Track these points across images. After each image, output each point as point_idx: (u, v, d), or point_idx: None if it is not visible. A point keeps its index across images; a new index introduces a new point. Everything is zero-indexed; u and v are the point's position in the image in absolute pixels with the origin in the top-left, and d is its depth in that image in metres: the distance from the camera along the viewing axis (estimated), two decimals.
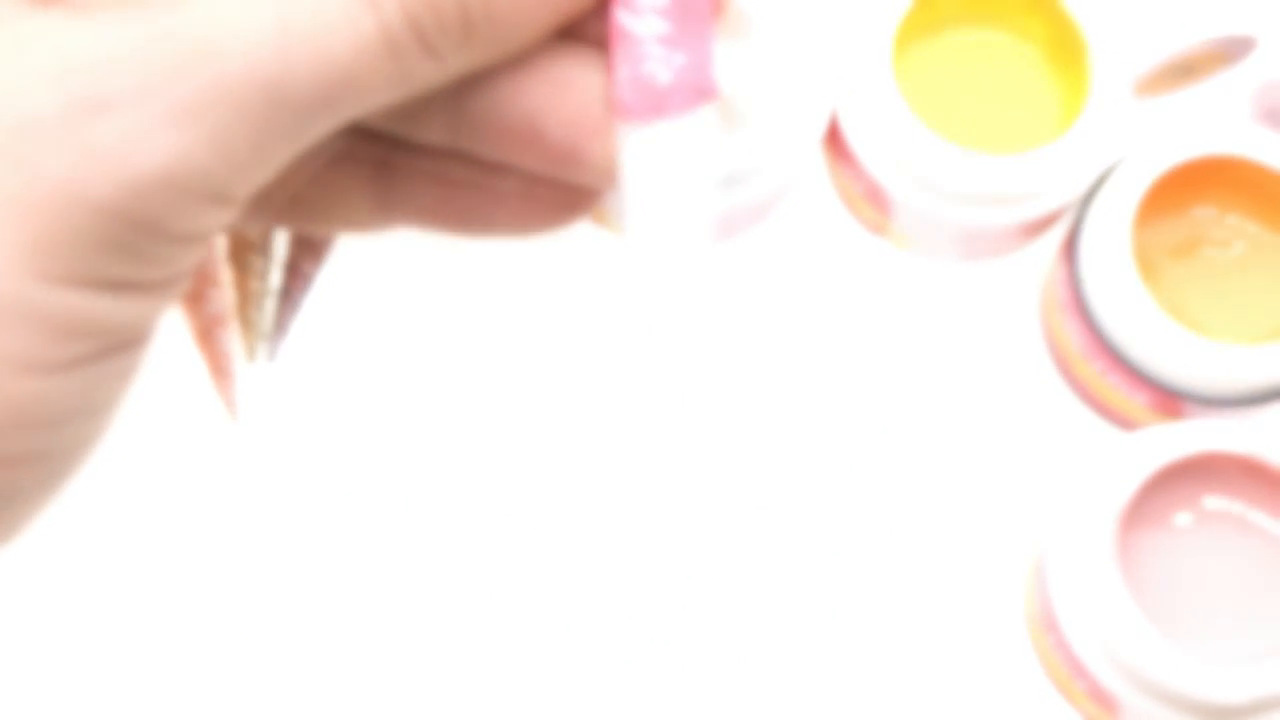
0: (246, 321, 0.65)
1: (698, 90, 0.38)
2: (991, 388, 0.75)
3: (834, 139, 0.72)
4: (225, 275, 0.64)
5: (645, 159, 0.38)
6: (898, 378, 0.75)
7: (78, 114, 0.34)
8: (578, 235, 0.70)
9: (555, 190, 0.41)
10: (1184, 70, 0.71)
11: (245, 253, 0.64)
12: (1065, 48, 0.71)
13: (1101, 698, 0.66)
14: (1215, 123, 0.71)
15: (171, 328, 0.66)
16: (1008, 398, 0.75)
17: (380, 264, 0.73)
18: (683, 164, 0.38)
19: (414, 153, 0.41)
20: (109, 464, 0.59)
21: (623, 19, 0.38)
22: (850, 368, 0.75)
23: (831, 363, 0.75)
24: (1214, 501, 0.67)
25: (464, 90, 0.38)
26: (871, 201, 0.72)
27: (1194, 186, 0.71)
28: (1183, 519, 0.67)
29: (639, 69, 0.38)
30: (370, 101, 0.37)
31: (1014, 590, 0.71)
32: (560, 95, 0.38)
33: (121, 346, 0.37)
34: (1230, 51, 0.70)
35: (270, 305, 0.65)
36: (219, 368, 0.65)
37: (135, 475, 0.70)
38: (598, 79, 0.38)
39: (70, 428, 0.36)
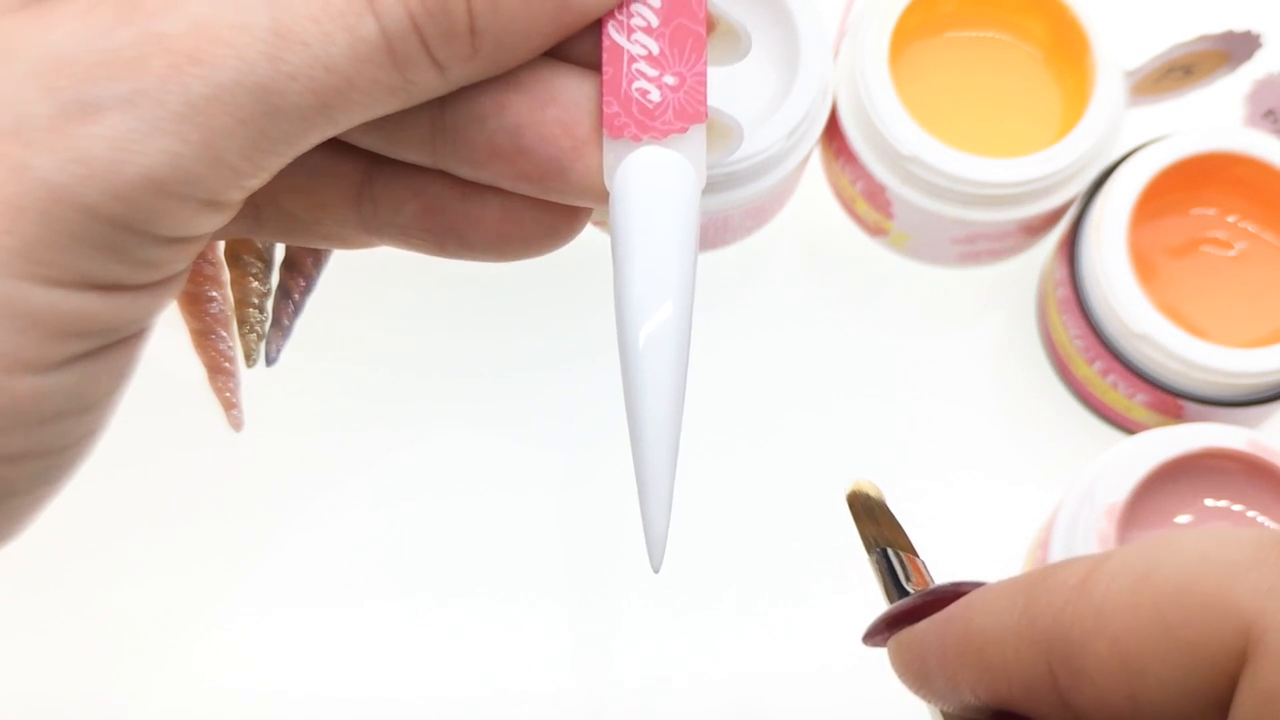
0: (245, 322, 0.65)
1: (688, 110, 0.39)
2: (990, 388, 0.75)
3: (834, 139, 0.72)
4: (224, 276, 0.64)
5: (634, 178, 0.38)
6: (897, 377, 0.75)
7: (69, 118, 0.34)
8: (581, 236, 0.70)
9: (535, 215, 0.41)
10: (1184, 70, 0.71)
11: (244, 253, 0.64)
12: (1065, 48, 0.71)
13: None
14: (1214, 122, 0.71)
15: (171, 328, 0.65)
16: (1007, 397, 0.75)
17: (381, 264, 0.73)
18: (672, 184, 0.38)
19: (395, 171, 0.41)
20: (109, 465, 0.59)
21: (615, 37, 0.38)
22: (850, 367, 0.75)
23: (831, 362, 0.75)
24: (1214, 501, 0.67)
25: (446, 105, 0.38)
26: (871, 201, 0.72)
27: (1193, 186, 0.71)
28: (1183, 519, 0.67)
29: (630, 87, 0.38)
30: (368, 110, 0.37)
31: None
32: (543, 111, 0.38)
33: (116, 344, 0.37)
34: (1232, 51, 0.70)
35: (269, 306, 0.65)
36: (218, 368, 0.65)
37: (135, 476, 0.70)
38: (582, 95, 0.38)
39: (66, 424, 0.37)
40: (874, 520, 0.50)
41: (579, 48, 0.39)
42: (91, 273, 0.35)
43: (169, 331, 0.66)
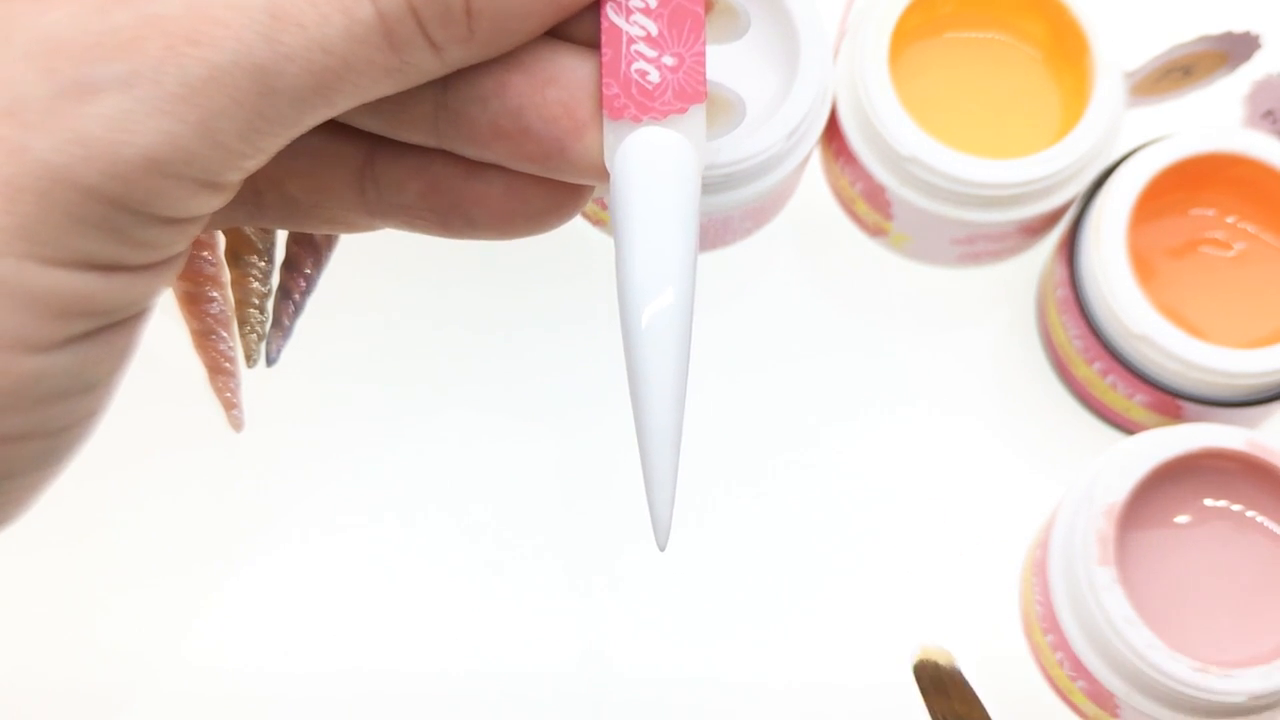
0: (246, 322, 0.65)
1: (687, 91, 0.39)
2: (990, 388, 0.75)
3: (834, 139, 0.72)
4: (225, 276, 0.64)
5: (634, 159, 0.38)
6: (897, 377, 0.75)
7: (66, 98, 0.34)
8: (577, 235, 0.70)
9: (540, 191, 0.41)
10: (1184, 71, 0.71)
11: (245, 253, 0.64)
12: (1065, 48, 0.72)
13: (1101, 698, 0.66)
14: (1213, 122, 0.71)
15: (171, 328, 0.66)
16: (1007, 397, 0.75)
17: (380, 264, 0.73)
18: (672, 164, 0.39)
19: (397, 152, 0.41)
20: (109, 464, 0.59)
21: (613, 19, 0.38)
22: (850, 368, 0.75)
23: (831, 363, 0.75)
24: (1213, 501, 0.67)
25: (448, 86, 0.39)
26: (870, 202, 0.73)
27: (1192, 187, 0.71)
28: (1182, 519, 0.67)
29: (629, 69, 0.38)
30: (366, 92, 0.37)
31: (1012, 590, 0.71)
32: (545, 91, 0.38)
33: (116, 325, 0.37)
34: (1231, 52, 0.70)
35: (270, 306, 0.65)
36: (219, 368, 0.65)
37: (135, 475, 0.71)
38: (583, 75, 0.39)
39: (67, 404, 0.37)
40: (944, 693, 0.49)
41: (580, 27, 0.39)
42: (90, 252, 0.35)
43: (170, 331, 0.66)
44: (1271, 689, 0.63)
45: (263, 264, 0.65)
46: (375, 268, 0.72)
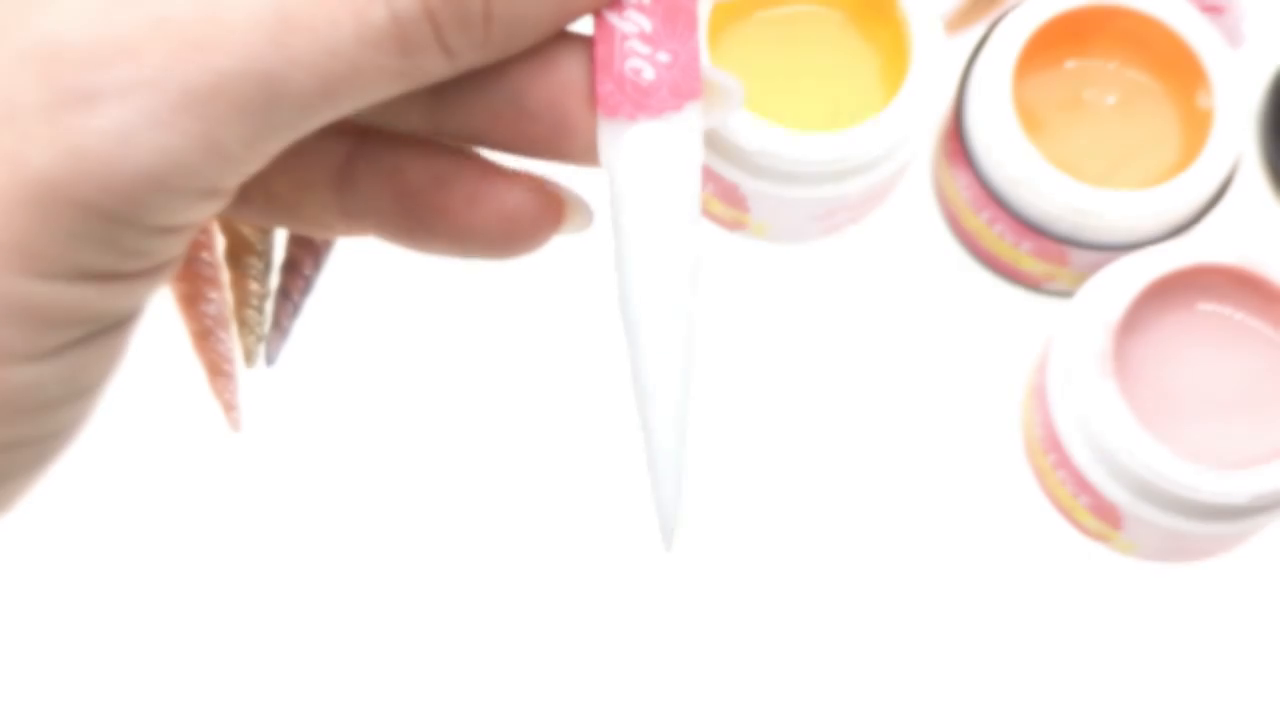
0: (245, 324, 0.65)
1: (682, 87, 0.38)
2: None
3: None
4: (224, 277, 0.63)
5: (629, 155, 0.38)
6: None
7: (65, 107, 0.34)
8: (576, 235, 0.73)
9: (506, 217, 0.41)
10: None
11: (243, 255, 0.64)
12: (874, 8, 0.73)
13: (1104, 510, 0.68)
14: None
15: (171, 329, 0.64)
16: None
17: (380, 265, 0.73)
18: (669, 161, 0.39)
19: (375, 153, 0.41)
20: (109, 464, 0.58)
21: (608, 16, 0.38)
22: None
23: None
24: (1206, 307, 0.70)
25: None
26: (726, 200, 0.74)
27: (1073, 38, 0.74)
28: (1177, 328, 0.70)
29: (623, 66, 0.38)
30: (371, 96, 0.36)
31: (1012, 417, 0.73)
32: (544, 73, 0.38)
33: (108, 331, 0.37)
34: None
35: (269, 307, 0.65)
36: (217, 369, 0.64)
37: (135, 476, 0.69)
38: (580, 65, 0.38)
39: (58, 412, 0.37)
40: None
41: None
42: (86, 264, 0.35)
43: (170, 331, 0.65)
44: (1272, 489, 0.65)
45: (261, 265, 0.64)
46: (374, 268, 0.72)
